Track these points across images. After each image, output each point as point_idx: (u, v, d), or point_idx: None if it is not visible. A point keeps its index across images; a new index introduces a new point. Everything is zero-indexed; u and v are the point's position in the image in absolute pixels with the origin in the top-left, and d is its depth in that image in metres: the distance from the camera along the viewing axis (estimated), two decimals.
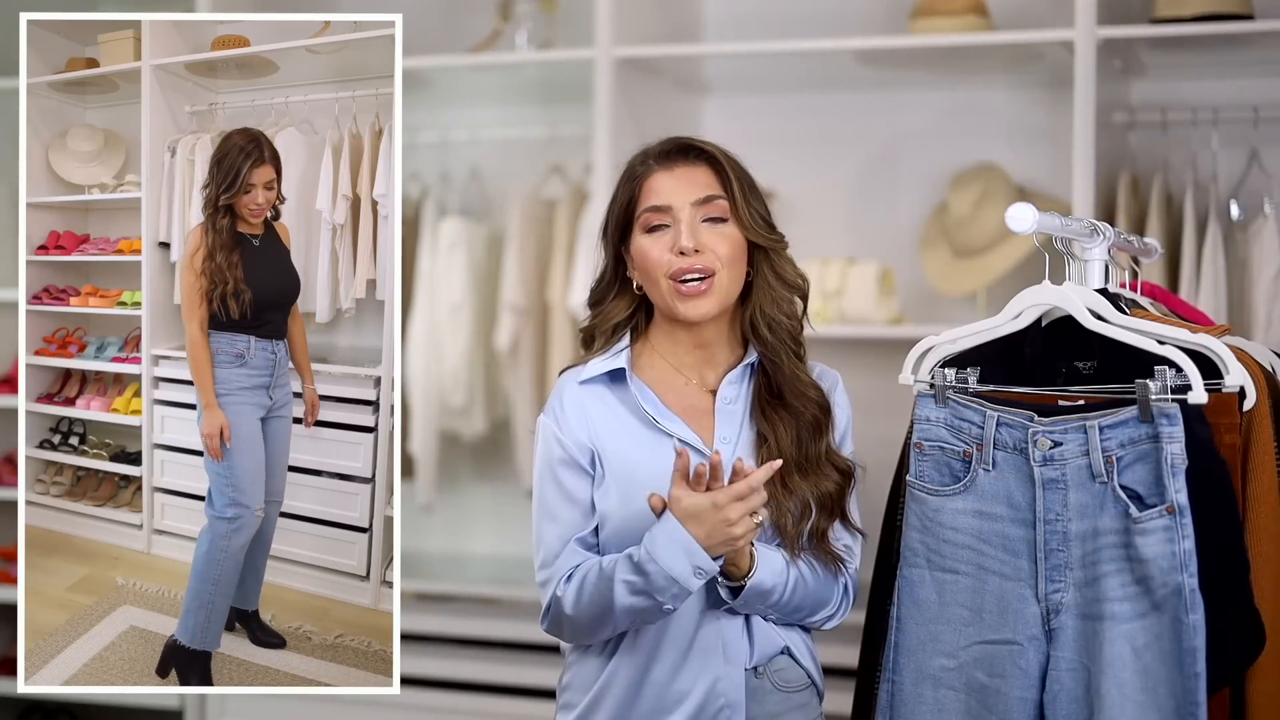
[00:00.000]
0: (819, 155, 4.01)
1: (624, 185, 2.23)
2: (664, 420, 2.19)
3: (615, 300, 2.27)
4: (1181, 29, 3.37)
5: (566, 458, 2.19)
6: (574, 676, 2.24)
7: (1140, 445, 2.02)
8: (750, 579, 2.10)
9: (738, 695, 2.16)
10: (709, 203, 2.18)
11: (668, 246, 2.16)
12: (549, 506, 2.20)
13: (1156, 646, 1.99)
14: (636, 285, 2.24)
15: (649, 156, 2.23)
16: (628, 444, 2.19)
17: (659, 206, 2.18)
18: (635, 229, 2.21)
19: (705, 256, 2.16)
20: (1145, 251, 2.43)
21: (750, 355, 2.24)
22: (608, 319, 2.27)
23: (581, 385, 2.22)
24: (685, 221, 2.16)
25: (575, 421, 2.20)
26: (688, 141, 2.22)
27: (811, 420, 2.20)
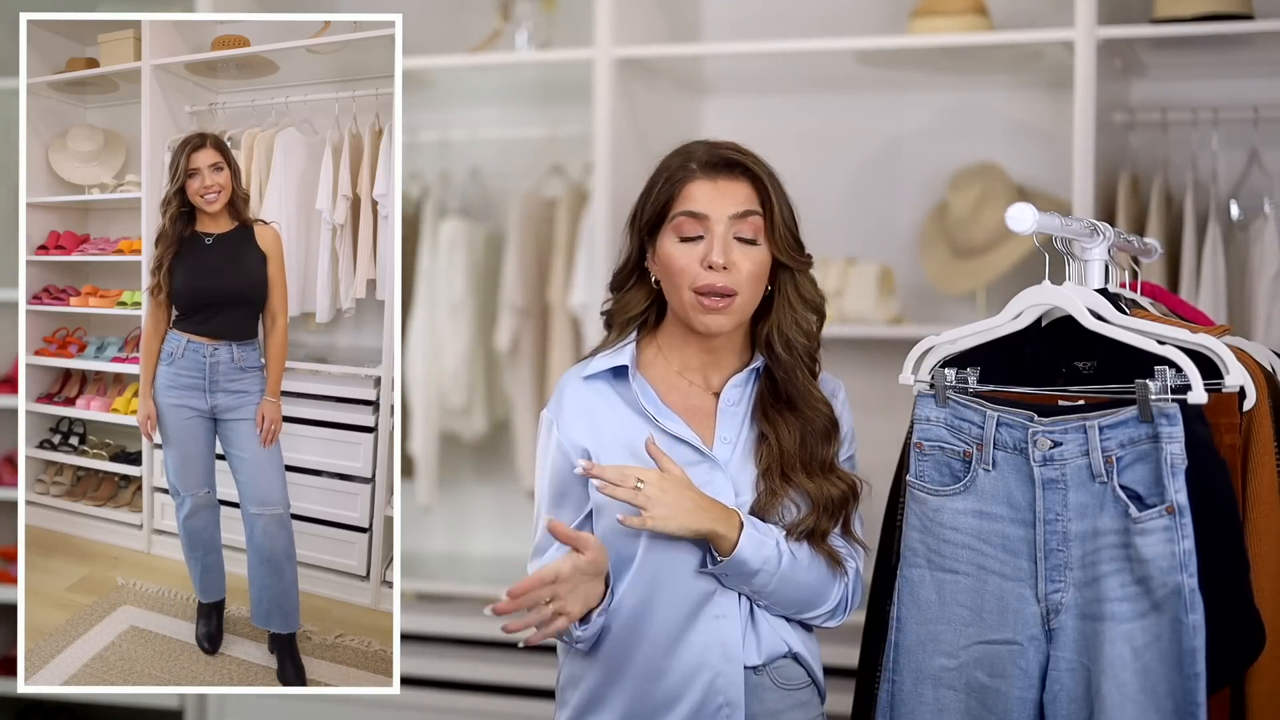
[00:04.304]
0: (819, 155, 4.00)
1: (663, 183, 2.20)
2: (664, 419, 2.19)
3: (634, 290, 2.27)
4: (1181, 29, 3.37)
5: (561, 453, 2.21)
6: (570, 674, 2.26)
7: (1140, 445, 2.02)
8: (734, 555, 2.12)
9: (736, 693, 2.16)
10: (745, 219, 2.17)
11: (697, 257, 2.16)
12: (544, 499, 2.26)
13: (1156, 647, 1.99)
14: (655, 280, 2.24)
15: (692, 160, 2.20)
16: (621, 438, 2.20)
17: (696, 214, 2.17)
18: (665, 229, 2.19)
19: (731, 275, 2.15)
20: (1145, 251, 2.43)
21: (756, 360, 2.25)
22: (625, 309, 2.27)
23: (585, 381, 2.23)
24: (719, 236, 2.16)
25: (574, 418, 2.21)
26: (736, 157, 2.20)
27: (821, 429, 2.22)
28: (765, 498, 2.18)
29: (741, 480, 2.20)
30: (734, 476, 2.19)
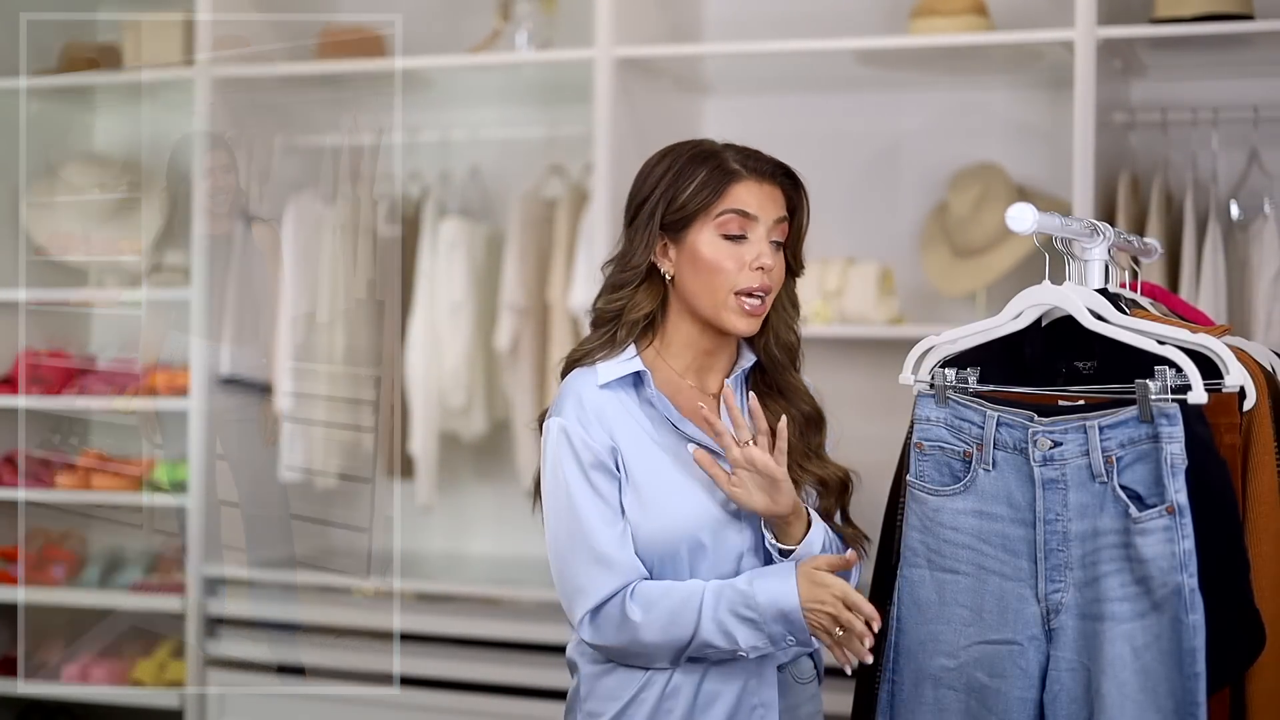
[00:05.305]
0: (819, 155, 4.00)
1: (704, 180, 2.17)
2: (683, 425, 2.19)
3: (643, 290, 2.22)
4: (1181, 29, 3.37)
5: (596, 461, 2.16)
6: (596, 686, 2.21)
7: (1140, 445, 2.02)
8: (805, 542, 2.13)
9: (770, 695, 2.17)
10: (781, 224, 2.20)
11: (744, 260, 2.16)
12: (587, 510, 2.15)
13: (1156, 647, 1.99)
14: (669, 278, 2.21)
15: (732, 160, 2.18)
16: (648, 448, 2.18)
17: (747, 214, 2.16)
18: (705, 227, 2.16)
19: (772, 276, 2.18)
20: (1145, 251, 2.43)
21: (745, 360, 2.26)
22: (636, 307, 2.21)
23: (600, 389, 2.19)
24: (764, 239, 2.17)
25: (598, 424, 2.17)
26: (784, 166, 2.22)
27: (811, 417, 2.25)
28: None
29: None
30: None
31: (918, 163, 4.02)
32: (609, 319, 2.23)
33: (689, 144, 2.22)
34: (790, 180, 2.22)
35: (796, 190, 2.22)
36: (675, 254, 2.19)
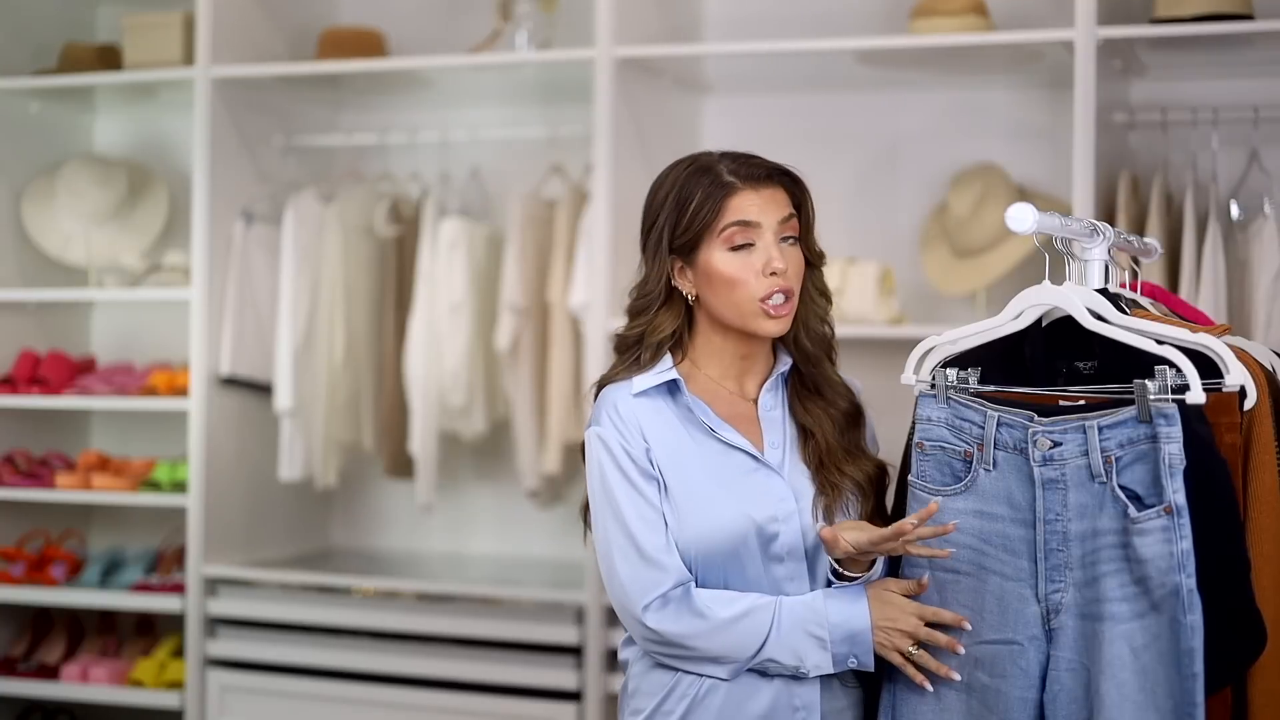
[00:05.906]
0: (819, 155, 4.00)
1: (701, 201, 2.19)
2: (720, 429, 2.21)
3: (664, 312, 2.25)
4: (1181, 29, 3.37)
5: (639, 468, 2.19)
6: (642, 682, 2.24)
7: (1139, 445, 2.02)
8: (874, 569, 2.17)
9: (812, 697, 2.18)
10: (787, 222, 2.21)
11: (756, 268, 2.18)
12: (631, 514, 2.18)
13: (1155, 647, 1.99)
14: (691, 298, 2.24)
15: (725, 174, 2.20)
16: (684, 454, 2.20)
17: (749, 222, 2.18)
18: (713, 244, 2.19)
19: (789, 275, 2.20)
20: (1145, 251, 2.43)
21: (783, 364, 2.29)
22: (658, 330, 2.25)
23: (635, 398, 2.22)
24: (773, 243, 2.19)
25: (635, 432, 2.20)
26: (779, 166, 2.23)
27: (849, 413, 2.28)
28: (829, 492, 2.21)
29: (798, 483, 2.22)
30: (789, 480, 2.22)
31: (918, 163, 4.02)
32: (631, 344, 2.27)
33: (686, 161, 2.26)
34: (788, 177, 2.24)
35: (797, 185, 2.25)
36: (692, 274, 2.23)
